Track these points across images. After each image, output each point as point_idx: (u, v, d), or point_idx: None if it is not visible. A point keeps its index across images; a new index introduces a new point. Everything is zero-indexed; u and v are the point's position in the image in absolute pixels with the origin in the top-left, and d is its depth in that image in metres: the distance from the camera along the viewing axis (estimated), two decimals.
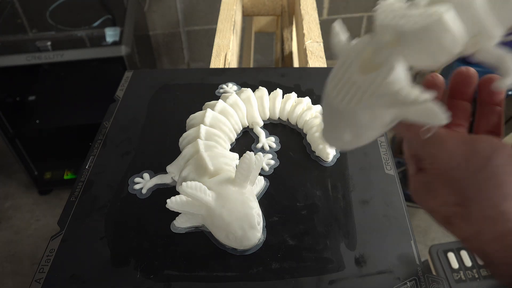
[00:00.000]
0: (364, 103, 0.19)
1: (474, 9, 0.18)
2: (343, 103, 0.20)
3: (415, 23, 0.18)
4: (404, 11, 0.19)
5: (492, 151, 0.21)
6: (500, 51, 0.19)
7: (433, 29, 0.18)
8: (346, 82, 0.20)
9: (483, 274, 0.70)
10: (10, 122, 1.14)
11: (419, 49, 0.18)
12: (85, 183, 0.40)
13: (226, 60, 0.58)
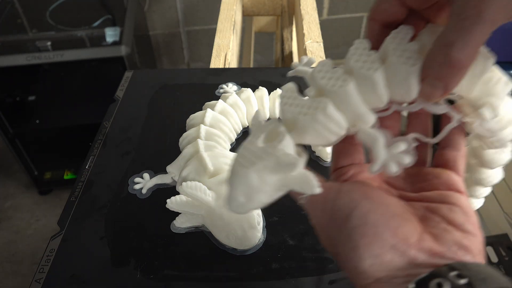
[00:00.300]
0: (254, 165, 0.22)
1: (347, 101, 0.22)
2: (238, 167, 0.22)
3: (305, 114, 0.22)
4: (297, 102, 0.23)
5: (351, 209, 0.21)
6: (375, 135, 0.22)
7: (319, 119, 0.22)
8: (248, 149, 0.23)
9: None
10: (10, 122, 1.14)
11: (312, 133, 0.22)
12: (85, 183, 0.40)
13: (226, 60, 0.58)
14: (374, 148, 0.21)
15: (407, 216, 0.21)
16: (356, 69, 0.22)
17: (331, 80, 0.22)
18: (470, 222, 0.21)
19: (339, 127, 0.23)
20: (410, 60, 0.21)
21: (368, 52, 0.23)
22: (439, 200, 0.23)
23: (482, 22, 0.18)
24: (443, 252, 0.20)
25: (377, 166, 0.21)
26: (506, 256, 0.71)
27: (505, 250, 0.72)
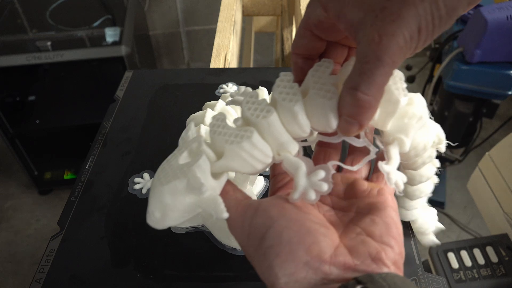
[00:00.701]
0: (169, 183, 0.23)
1: (270, 130, 0.23)
2: (158, 182, 0.23)
3: (231, 142, 0.23)
4: (226, 130, 0.24)
5: (266, 228, 0.21)
6: (297, 164, 0.23)
7: (245, 147, 0.23)
8: (170, 165, 0.24)
9: (483, 274, 0.70)
10: (10, 122, 1.14)
11: (238, 160, 0.23)
12: (85, 183, 0.40)
13: (226, 60, 0.58)
14: (295, 176, 0.23)
15: (323, 231, 0.22)
16: (279, 101, 0.24)
17: (256, 111, 0.24)
18: (389, 234, 0.22)
19: (264, 155, 0.24)
20: (328, 94, 0.23)
21: (291, 84, 0.24)
22: (366, 211, 0.24)
23: (382, 65, 0.19)
24: (356, 265, 0.20)
25: (297, 194, 0.22)
26: (506, 256, 0.71)
27: (505, 250, 0.72)
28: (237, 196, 0.24)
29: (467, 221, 1.25)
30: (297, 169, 0.23)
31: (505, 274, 0.69)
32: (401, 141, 0.25)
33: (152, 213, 0.23)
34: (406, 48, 0.19)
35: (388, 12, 0.19)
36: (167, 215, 0.23)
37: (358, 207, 0.24)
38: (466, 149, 1.19)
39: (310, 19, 0.23)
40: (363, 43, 0.20)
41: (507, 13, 0.88)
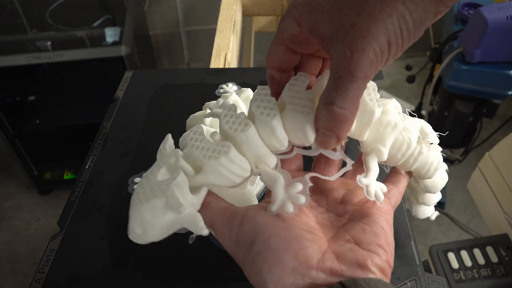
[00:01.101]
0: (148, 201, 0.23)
1: (248, 144, 0.23)
2: (137, 199, 0.23)
3: (209, 157, 0.23)
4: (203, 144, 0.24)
5: (254, 235, 0.22)
6: (275, 177, 0.24)
7: (223, 163, 0.23)
8: (149, 181, 0.24)
9: (483, 274, 0.70)
10: (10, 122, 1.14)
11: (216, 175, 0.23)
12: (85, 183, 0.40)
13: (226, 60, 0.58)
14: (273, 189, 0.23)
15: (310, 237, 0.22)
16: (257, 115, 0.24)
17: (234, 125, 0.24)
18: (377, 243, 0.23)
19: (242, 169, 0.24)
20: (305, 109, 0.23)
21: (268, 98, 0.24)
22: (358, 219, 0.24)
23: (355, 79, 0.20)
24: (343, 270, 0.21)
25: (275, 206, 0.23)
26: (506, 256, 0.71)
27: (505, 250, 0.72)
28: (221, 204, 0.24)
29: (467, 221, 1.25)
30: (274, 182, 0.23)
31: (505, 274, 0.69)
32: (378, 151, 0.26)
33: (133, 229, 0.24)
34: (377, 62, 0.20)
35: (358, 28, 0.19)
36: (148, 232, 0.24)
37: (351, 214, 0.25)
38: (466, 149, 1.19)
39: (284, 33, 0.24)
40: (335, 58, 0.20)
41: (507, 13, 0.88)
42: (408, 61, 1.81)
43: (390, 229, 0.24)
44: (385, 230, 0.24)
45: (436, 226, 1.24)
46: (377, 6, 0.19)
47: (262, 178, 0.24)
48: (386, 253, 0.23)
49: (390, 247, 0.23)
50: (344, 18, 0.20)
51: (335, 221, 0.25)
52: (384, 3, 0.19)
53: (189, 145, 0.24)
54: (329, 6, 0.21)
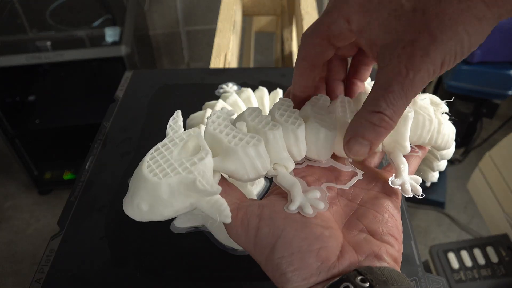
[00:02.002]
0: (169, 178, 0.21)
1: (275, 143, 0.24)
2: (151, 173, 0.22)
3: (236, 143, 0.23)
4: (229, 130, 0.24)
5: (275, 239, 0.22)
6: (293, 180, 0.24)
7: (250, 153, 0.23)
8: (163, 157, 0.23)
9: (483, 275, 0.70)
10: (10, 122, 1.14)
11: (237, 163, 0.23)
12: (85, 183, 0.40)
13: (226, 60, 0.58)
14: (292, 191, 0.23)
15: (328, 233, 0.22)
16: (282, 122, 0.24)
17: (261, 123, 0.24)
18: (390, 233, 0.23)
19: (263, 166, 0.24)
20: (330, 125, 0.24)
21: (292, 109, 0.25)
22: (369, 205, 0.25)
23: (406, 97, 0.21)
24: (360, 261, 0.22)
25: (294, 206, 0.23)
26: (506, 256, 0.71)
27: (505, 250, 0.72)
28: (231, 200, 0.24)
29: (467, 221, 1.25)
30: (293, 184, 0.24)
31: (506, 274, 0.69)
32: (400, 147, 0.26)
33: (138, 204, 0.22)
34: (428, 81, 0.20)
35: (417, 47, 0.19)
36: (157, 210, 0.22)
37: (362, 199, 0.25)
38: (466, 149, 1.19)
39: (330, 28, 0.23)
40: (388, 71, 0.20)
41: None
42: None
43: (398, 213, 0.25)
44: (395, 216, 0.24)
45: (436, 226, 1.24)
46: (439, 27, 0.19)
47: (278, 180, 0.24)
48: (398, 242, 0.23)
49: (400, 233, 0.24)
50: (402, 31, 0.20)
51: (346, 207, 0.25)
52: (446, 25, 0.19)
53: (212, 127, 0.24)
54: (386, 12, 0.20)
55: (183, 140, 0.23)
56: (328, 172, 0.27)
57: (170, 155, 0.23)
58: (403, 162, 0.26)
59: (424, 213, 1.26)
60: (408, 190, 0.25)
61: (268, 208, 0.23)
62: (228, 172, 0.24)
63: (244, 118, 0.25)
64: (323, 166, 0.26)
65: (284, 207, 0.23)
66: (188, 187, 0.21)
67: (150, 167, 0.22)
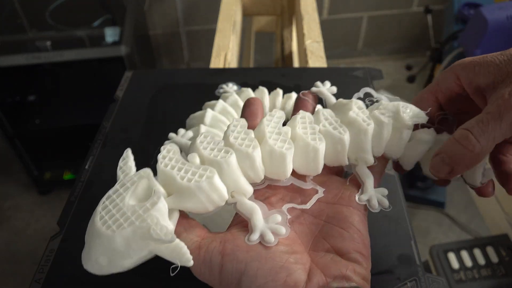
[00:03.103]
0: (123, 230, 0.20)
1: (230, 171, 0.23)
2: (105, 226, 0.21)
3: (189, 180, 0.22)
4: (181, 165, 0.22)
5: (240, 273, 0.21)
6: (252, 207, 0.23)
7: (204, 188, 0.22)
8: (115, 205, 0.22)
9: (484, 275, 0.70)
10: (10, 122, 1.14)
11: (193, 200, 0.22)
12: (85, 183, 0.40)
13: (226, 60, 0.58)
14: (252, 219, 0.23)
15: (293, 259, 0.22)
16: (236, 146, 0.23)
17: (213, 151, 0.23)
18: (357, 250, 0.23)
19: (220, 197, 0.23)
20: (285, 144, 0.24)
21: (246, 130, 0.24)
22: (335, 221, 0.24)
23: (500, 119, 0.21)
24: (329, 283, 0.21)
25: (255, 235, 0.22)
26: (506, 256, 0.71)
27: (505, 250, 0.72)
28: (192, 239, 0.23)
29: (467, 221, 1.25)
30: (252, 212, 0.23)
31: (506, 274, 0.69)
32: (363, 159, 0.26)
33: (96, 259, 0.21)
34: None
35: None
36: (117, 263, 0.21)
37: (327, 215, 0.25)
38: None
39: (439, 85, 0.25)
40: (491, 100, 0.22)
41: (507, 13, 0.88)
42: (409, 61, 1.81)
43: (364, 226, 0.25)
44: (361, 231, 0.24)
45: (436, 226, 1.24)
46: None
47: (237, 208, 0.24)
48: (365, 258, 0.23)
49: (368, 249, 0.24)
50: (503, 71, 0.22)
51: (312, 225, 0.25)
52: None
53: (163, 163, 0.23)
54: (497, 61, 0.23)
55: (135, 183, 0.23)
56: (291, 189, 0.26)
57: (122, 202, 0.22)
58: (368, 176, 0.26)
59: (424, 213, 1.26)
60: (375, 205, 0.25)
61: (230, 243, 0.22)
62: (186, 209, 0.23)
63: (196, 148, 0.24)
64: (285, 185, 0.26)
65: (245, 239, 0.22)
66: (143, 236, 0.21)
67: (103, 219, 0.21)
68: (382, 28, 1.72)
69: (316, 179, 0.27)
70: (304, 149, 0.24)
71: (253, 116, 0.28)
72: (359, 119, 0.25)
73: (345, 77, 0.51)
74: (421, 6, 1.63)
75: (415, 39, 1.78)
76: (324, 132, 0.25)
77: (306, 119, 0.26)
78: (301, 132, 0.25)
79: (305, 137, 0.24)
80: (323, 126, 0.26)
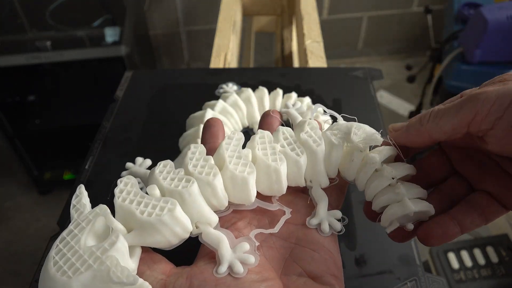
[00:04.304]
0: (80, 275, 0.19)
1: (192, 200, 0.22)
2: (59, 272, 0.19)
3: (149, 214, 0.21)
4: (139, 199, 0.22)
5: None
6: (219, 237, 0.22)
7: (166, 221, 0.21)
8: (70, 248, 0.20)
9: (483, 275, 0.70)
10: (10, 122, 1.14)
11: (155, 235, 0.21)
12: (85, 183, 0.40)
13: (226, 60, 0.58)
14: (219, 249, 0.22)
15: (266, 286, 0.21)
16: (195, 174, 0.23)
17: (174, 181, 0.22)
18: (329, 273, 0.22)
19: (184, 230, 0.22)
20: (247, 168, 0.23)
21: (205, 157, 0.24)
22: (304, 242, 0.24)
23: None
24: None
25: (223, 267, 0.21)
26: (506, 256, 0.71)
27: (505, 250, 0.72)
28: (157, 277, 0.22)
29: None
30: (219, 243, 0.22)
31: (506, 274, 0.69)
32: (316, 181, 0.25)
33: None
34: None
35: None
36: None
37: (297, 237, 0.24)
38: None
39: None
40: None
41: (507, 13, 0.88)
42: (409, 61, 1.81)
43: (335, 247, 0.24)
44: (332, 252, 0.23)
45: None
46: None
47: (203, 239, 0.23)
48: (339, 280, 0.22)
49: (340, 271, 0.23)
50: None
51: (282, 248, 0.24)
52: None
53: (120, 198, 0.22)
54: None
55: (90, 222, 0.21)
56: (258, 212, 0.26)
57: (77, 244, 0.20)
58: (322, 198, 0.25)
59: None
60: (325, 229, 0.24)
61: (197, 278, 0.21)
62: (149, 244, 0.22)
63: (155, 178, 0.23)
64: (249, 208, 0.25)
65: (213, 272, 0.22)
66: (102, 280, 0.19)
67: (57, 265, 0.19)
68: (382, 28, 1.72)
69: (282, 198, 0.26)
70: (265, 170, 0.24)
71: (213, 138, 0.28)
72: (310, 140, 0.24)
73: (345, 77, 0.51)
74: (421, 6, 1.63)
75: (415, 39, 1.78)
76: (282, 152, 0.24)
77: (265, 139, 0.25)
78: (260, 153, 0.24)
79: (265, 159, 0.24)
80: (281, 147, 0.25)
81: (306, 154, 0.24)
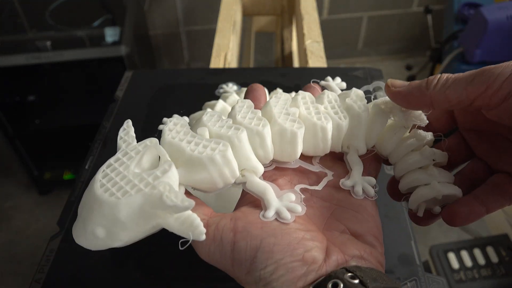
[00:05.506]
0: (129, 197, 0.18)
1: (241, 147, 0.22)
2: (107, 193, 0.19)
3: (200, 152, 0.20)
4: (190, 138, 0.21)
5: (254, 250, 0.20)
6: (264, 185, 0.22)
7: (217, 161, 0.20)
8: (118, 173, 0.20)
9: (483, 275, 0.70)
10: (10, 122, 1.14)
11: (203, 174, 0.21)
12: (85, 183, 0.40)
13: (226, 60, 0.58)
14: (265, 197, 0.22)
15: (310, 236, 0.21)
16: (245, 124, 0.23)
17: (223, 127, 0.22)
18: (372, 234, 0.22)
19: (232, 174, 0.22)
20: (295, 123, 0.23)
21: (253, 110, 0.24)
22: (346, 204, 0.24)
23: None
24: (348, 261, 0.21)
25: (271, 212, 0.21)
26: (506, 256, 0.71)
27: (505, 250, 0.72)
28: (200, 217, 0.21)
29: None
30: (265, 190, 0.22)
31: (506, 274, 0.69)
32: (354, 147, 0.25)
33: (92, 231, 0.19)
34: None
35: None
36: (115, 236, 0.19)
37: (338, 199, 0.24)
38: None
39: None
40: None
41: (507, 13, 0.88)
42: (409, 61, 1.81)
43: (377, 212, 0.24)
44: (374, 215, 0.24)
45: (436, 226, 1.24)
46: None
47: (247, 186, 0.22)
48: (380, 243, 0.23)
49: (381, 235, 0.23)
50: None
51: (322, 208, 0.24)
52: None
53: (170, 135, 0.22)
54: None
55: (140, 153, 0.21)
56: (299, 172, 0.26)
57: (126, 170, 0.20)
58: (357, 163, 0.25)
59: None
60: (359, 192, 0.24)
61: (242, 220, 0.21)
62: (194, 184, 0.22)
63: (204, 124, 0.23)
64: (292, 167, 0.25)
65: (260, 215, 0.21)
66: (153, 205, 0.18)
67: (104, 186, 0.19)
68: (382, 28, 1.72)
69: (322, 163, 0.26)
70: (311, 128, 0.24)
71: (256, 101, 0.27)
72: (355, 105, 0.25)
73: (345, 77, 0.51)
74: (421, 6, 1.63)
75: (415, 39, 1.78)
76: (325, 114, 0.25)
77: (307, 99, 0.25)
78: (305, 112, 0.24)
79: (310, 117, 0.24)
80: (324, 108, 0.25)
81: (349, 119, 0.25)
